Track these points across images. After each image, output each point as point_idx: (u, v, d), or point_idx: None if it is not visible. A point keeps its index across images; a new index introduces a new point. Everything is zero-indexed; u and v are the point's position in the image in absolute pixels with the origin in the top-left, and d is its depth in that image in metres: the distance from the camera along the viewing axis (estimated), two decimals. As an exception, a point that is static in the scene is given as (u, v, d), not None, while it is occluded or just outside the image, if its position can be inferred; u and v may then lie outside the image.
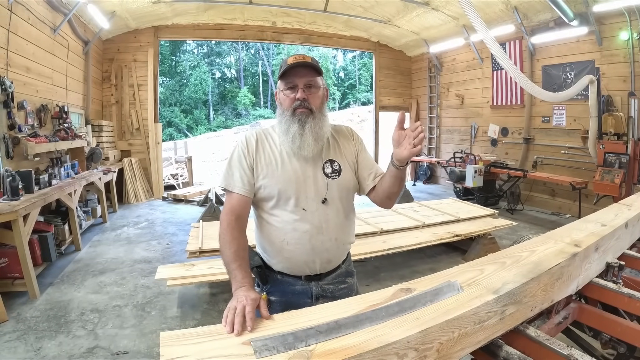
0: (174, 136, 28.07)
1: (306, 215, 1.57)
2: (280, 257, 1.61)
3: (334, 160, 1.63)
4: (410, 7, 8.80)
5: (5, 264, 3.95)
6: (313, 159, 1.60)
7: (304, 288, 1.63)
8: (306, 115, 1.54)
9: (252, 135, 1.65)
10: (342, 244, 1.67)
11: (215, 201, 7.59)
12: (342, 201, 1.64)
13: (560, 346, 1.22)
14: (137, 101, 9.35)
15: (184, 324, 3.56)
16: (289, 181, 1.56)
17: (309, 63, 1.54)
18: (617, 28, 6.55)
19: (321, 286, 1.65)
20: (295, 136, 1.53)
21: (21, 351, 3.02)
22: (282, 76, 1.56)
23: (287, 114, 1.56)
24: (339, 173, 1.62)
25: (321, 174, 1.60)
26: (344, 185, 1.63)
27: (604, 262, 1.84)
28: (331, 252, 1.63)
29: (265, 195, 1.58)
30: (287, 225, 1.57)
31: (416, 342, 1.02)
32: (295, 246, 1.58)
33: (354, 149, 1.71)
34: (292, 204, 1.56)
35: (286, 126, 1.56)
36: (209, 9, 9.01)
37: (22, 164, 4.94)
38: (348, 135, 1.75)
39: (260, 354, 0.92)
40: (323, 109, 1.62)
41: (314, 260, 1.60)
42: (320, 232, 1.58)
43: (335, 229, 1.62)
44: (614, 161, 6.23)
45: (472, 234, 4.90)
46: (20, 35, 5.22)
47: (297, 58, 1.54)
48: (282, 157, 1.59)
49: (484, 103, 9.80)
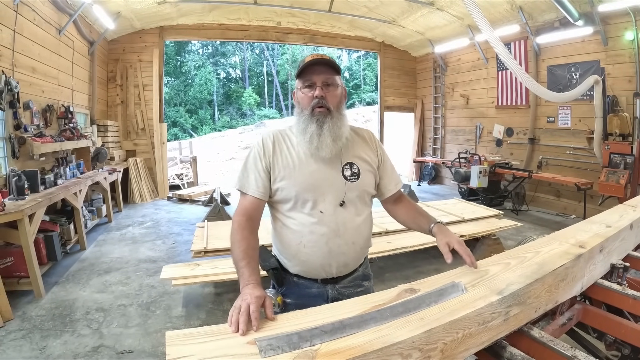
0: (179, 136, 28.15)
1: (323, 218, 1.54)
2: (297, 260, 1.59)
3: (353, 163, 1.60)
4: (415, 7, 8.79)
5: (11, 263, 3.98)
6: (331, 161, 1.57)
7: (320, 291, 1.61)
8: (324, 115, 1.52)
9: (268, 136, 1.62)
10: (359, 247, 1.64)
11: (220, 201, 7.60)
12: (360, 204, 1.62)
13: (564, 347, 1.22)
14: (142, 101, 9.39)
15: (189, 323, 3.57)
16: (307, 184, 1.54)
17: (327, 61, 1.52)
18: (623, 28, 6.51)
19: (337, 289, 1.63)
20: (312, 136, 1.50)
21: (26, 350, 3.04)
22: (299, 74, 1.55)
23: (306, 114, 1.54)
24: (358, 176, 1.59)
25: (340, 176, 1.57)
26: (362, 189, 1.61)
27: (608, 263, 1.83)
28: (348, 255, 1.61)
29: (282, 197, 1.56)
30: (304, 228, 1.55)
31: (420, 342, 1.02)
32: (312, 249, 1.55)
33: (376, 157, 1.69)
34: (309, 206, 1.54)
35: (304, 125, 1.53)
36: (213, 9, 9.04)
37: (27, 163, 4.97)
38: (369, 141, 1.71)
39: (265, 353, 0.93)
40: (341, 108, 1.59)
41: (330, 263, 1.58)
42: (337, 235, 1.55)
43: (353, 233, 1.60)
44: (619, 162, 6.20)
45: (476, 234, 4.89)
46: (26, 35, 5.26)
47: (315, 56, 1.52)
48: (299, 159, 1.57)
49: (489, 103, 9.77)
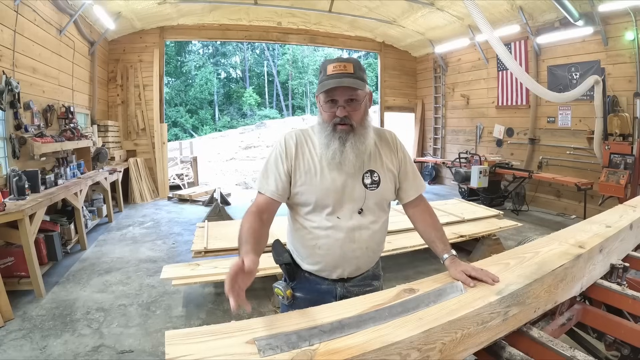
0: (179, 136, 28.18)
1: (340, 224, 1.55)
2: (310, 260, 1.62)
3: (374, 170, 1.59)
4: (415, 8, 8.78)
5: (11, 263, 3.98)
6: (353, 169, 1.55)
7: (330, 288, 1.63)
8: (347, 133, 1.49)
9: (291, 137, 1.61)
10: (372, 252, 1.66)
11: (220, 201, 7.61)
12: (377, 211, 1.62)
13: (563, 347, 1.22)
14: (143, 101, 9.40)
15: (189, 323, 3.58)
16: (327, 191, 1.54)
17: (350, 76, 1.44)
18: (623, 28, 6.51)
19: (346, 287, 1.64)
20: (335, 152, 1.49)
21: (27, 349, 3.05)
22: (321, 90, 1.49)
23: (328, 129, 1.51)
24: (378, 184, 1.58)
25: (360, 184, 1.56)
26: (382, 196, 1.61)
27: (608, 263, 1.83)
28: (361, 260, 1.63)
29: (301, 201, 1.57)
30: (320, 231, 1.56)
31: (419, 342, 1.02)
32: (326, 252, 1.57)
33: (397, 159, 1.67)
34: (327, 212, 1.55)
35: (326, 141, 1.51)
36: (214, 9, 9.04)
37: (28, 163, 4.98)
38: (391, 143, 1.69)
39: (264, 352, 0.93)
40: (365, 121, 1.54)
41: (342, 266, 1.60)
42: (352, 240, 1.56)
43: (368, 239, 1.60)
44: (619, 162, 6.20)
45: (476, 234, 4.89)
46: (26, 36, 5.26)
47: (338, 68, 1.45)
48: (321, 166, 1.56)
49: (490, 103, 9.76)
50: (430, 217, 1.71)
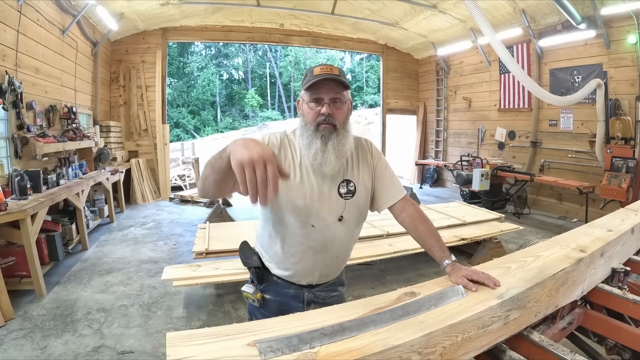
0: (181, 137, 28.17)
1: (314, 232, 1.54)
2: (281, 266, 1.61)
3: (350, 180, 1.58)
4: (418, 10, 8.80)
5: (12, 263, 3.99)
6: (331, 177, 1.55)
7: (297, 292, 1.64)
8: (330, 132, 1.48)
9: (275, 138, 1.59)
10: (341, 261, 1.69)
11: (222, 202, 7.61)
12: (351, 222, 1.61)
13: (564, 352, 1.22)
14: (145, 102, 9.43)
15: (190, 324, 3.58)
16: (304, 197, 1.52)
17: (337, 77, 1.46)
18: (625, 31, 6.51)
19: (313, 292, 1.66)
20: (317, 152, 1.48)
21: (27, 349, 3.05)
22: (307, 87, 1.49)
23: (311, 129, 1.50)
24: (353, 194, 1.57)
25: (336, 193, 1.55)
26: (356, 207, 1.60)
27: (609, 267, 1.83)
28: (331, 268, 1.65)
29: (276, 205, 1.54)
30: (293, 238, 1.55)
31: (420, 345, 1.02)
32: (298, 258, 1.57)
33: (371, 166, 1.66)
34: (302, 219, 1.53)
35: (308, 141, 1.50)
36: (216, 11, 9.07)
37: (30, 163, 4.99)
38: (367, 150, 1.68)
39: (265, 355, 0.93)
40: (346, 124, 1.55)
41: (312, 274, 1.61)
42: (324, 249, 1.57)
43: (339, 248, 1.61)
44: (621, 165, 6.20)
45: (478, 237, 4.88)
46: (29, 36, 5.28)
47: (325, 69, 1.47)
48: (301, 171, 1.54)
49: (492, 106, 9.77)
50: (422, 223, 1.63)
